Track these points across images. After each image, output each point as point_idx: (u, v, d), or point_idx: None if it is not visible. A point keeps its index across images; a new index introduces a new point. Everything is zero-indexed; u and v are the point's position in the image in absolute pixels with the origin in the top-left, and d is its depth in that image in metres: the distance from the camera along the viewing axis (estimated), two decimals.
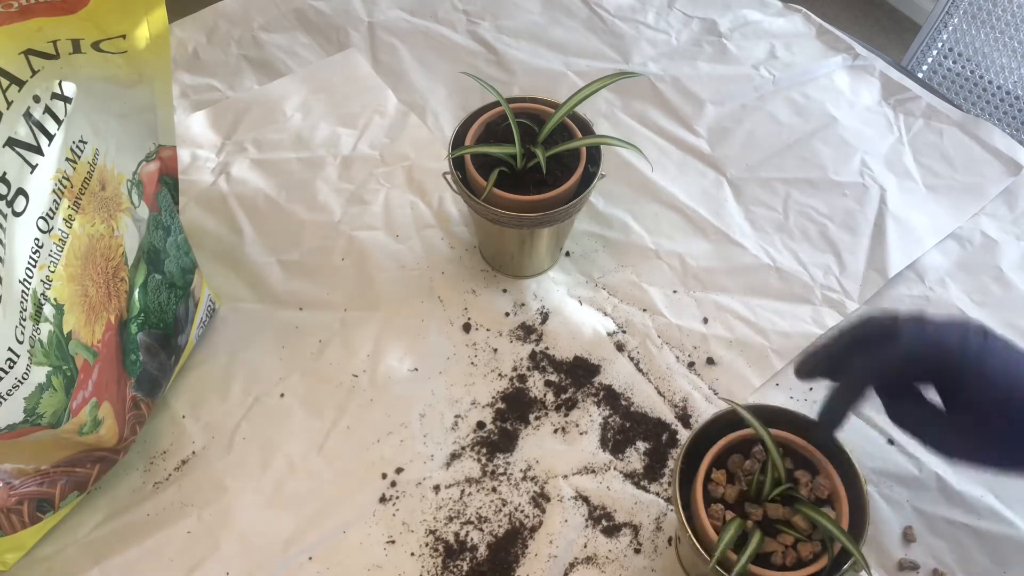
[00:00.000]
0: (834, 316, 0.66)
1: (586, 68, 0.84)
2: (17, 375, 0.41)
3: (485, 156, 0.61)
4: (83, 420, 0.48)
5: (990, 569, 0.54)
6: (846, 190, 0.74)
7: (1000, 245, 0.70)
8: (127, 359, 0.53)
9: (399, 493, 0.58)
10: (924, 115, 0.79)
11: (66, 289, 0.46)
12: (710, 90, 0.82)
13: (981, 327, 0.47)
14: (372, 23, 0.88)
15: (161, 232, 0.56)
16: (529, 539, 0.55)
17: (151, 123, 0.55)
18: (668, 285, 0.68)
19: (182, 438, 0.60)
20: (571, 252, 0.70)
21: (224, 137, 0.78)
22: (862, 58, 0.84)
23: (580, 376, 0.63)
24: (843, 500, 0.47)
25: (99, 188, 0.49)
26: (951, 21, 1.07)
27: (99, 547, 0.55)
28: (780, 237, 0.71)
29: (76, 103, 0.47)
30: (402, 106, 0.81)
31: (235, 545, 0.55)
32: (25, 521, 0.51)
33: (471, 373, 0.63)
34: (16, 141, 0.42)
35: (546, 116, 0.62)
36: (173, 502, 0.57)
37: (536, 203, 0.59)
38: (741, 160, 0.76)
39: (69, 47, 0.46)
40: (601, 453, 0.59)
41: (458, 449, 0.59)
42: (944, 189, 0.74)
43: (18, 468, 0.48)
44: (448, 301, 0.67)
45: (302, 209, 0.73)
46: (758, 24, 0.88)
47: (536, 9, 0.90)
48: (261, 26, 0.88)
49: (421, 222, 0.72)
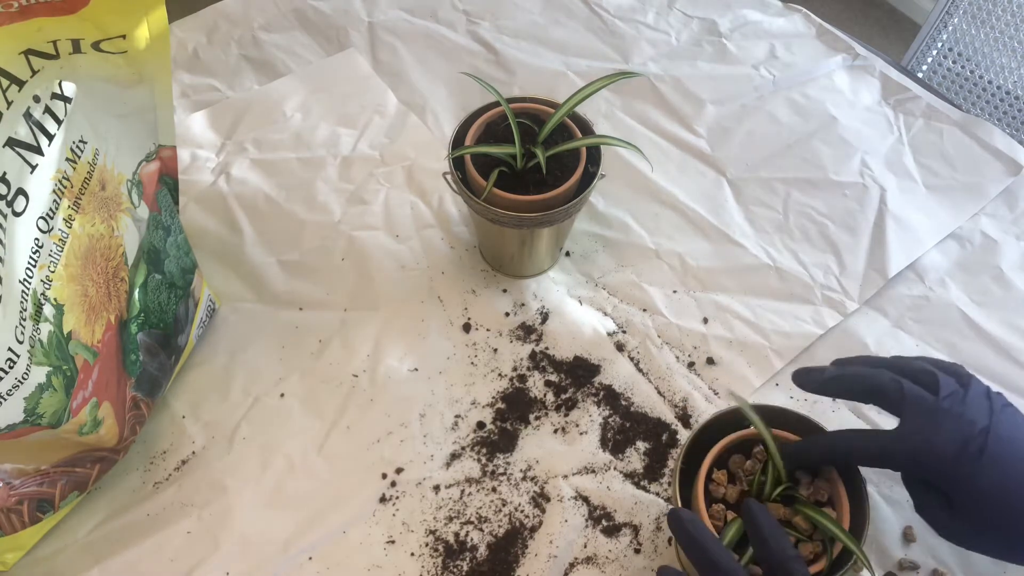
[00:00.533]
0: (834, 316, 0.66)
1: (586, 68, 0.84)
2: (17, 375, 0.41)
3: (485, 156, 0.61)
4: (83, 420, 0.48)
5: (990, 569, 0.54)
6: (846, 190, 0.74)
7: (1000, 245, 0.70)
8: (127, 359, 0.53)
9: (399, 493, 0.58)
10: (924, 115, 0.79)
11: (66, 289, 0.46)
12: (710, 90, 0.82)
13: (985, 427, 0.43)
14: (372, 23, 0.88)
15: (161, 232, 0.56)
16: (529, 539, 0.55)
17: (151, 123, 0.55)
18: (668, 285, 0.68)
19: (182, 438, 0.60)
20: (571, 252, 0.70)
21: (224, 137, 0.78)
22: (862, 58, 0.84)
23: (580, 376, 0.63)
24: (844, 501, 0.47)
25: (99, 188, 0.49)
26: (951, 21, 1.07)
27: (99, 547, 0.55)
28: (780, 237, 0.71)
29: (76, 103, 0.47)
30: (402, 106, 0.81)
31: (235, 545, 0.55)
32: (25, 521, 0.51)
33: (471, 373, 0.63)
34: (16, 141, 0.42)
35: (546, 116, 0.62)
36: (173, 502, 0.57)
37: (536, 203, 0.59)
38: (741, 160, 0.76)
39: (69, 47, 0.46)
40: (601, 453, 0.59)
41: (458, 449, 0.59)
42: (944, 189, 0.74)
43: (18, 468, 0.48)
44: (448, 301, 0.67)
45: (302, 209, 0.73)
46: (758, 24, 0.88)
47: (536, 9, 0.90)
48: (261, 26, 0.88)
49: (421, 222, 0.72)
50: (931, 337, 0.65)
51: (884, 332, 0.65)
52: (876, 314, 0.66)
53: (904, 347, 0.64)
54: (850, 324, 0.66)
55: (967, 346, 0.64)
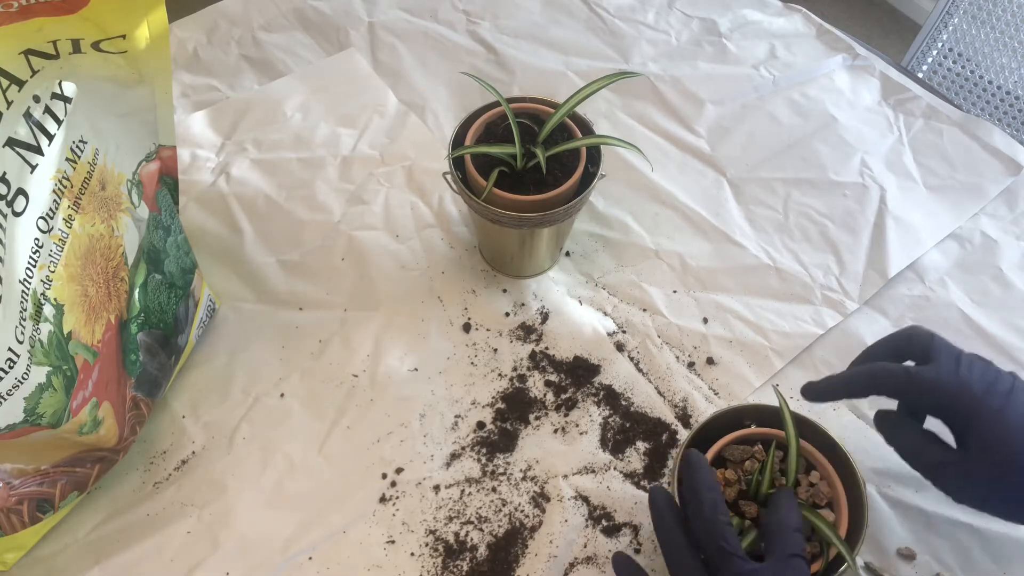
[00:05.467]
0: (834, 316, 0.66)
1: (586, 68, 0.84)
2: (17, 375, 0.41)
3: (485, 156, 0.61)
4: (83, 420, 0.48)
5: (991, 569, 0.54)
6: (846, 190, 0.74)
7: (1000, 245, 0.70)
8: (127, 359, 0.53)
9: (399, 493, 0.58)
10: (924, 115, 0.79)
11: (66, 289, 0.46)
12: (710, 90, 0.82)
13: (1012, 375, 0.46)
14: (372, 23, 0.88)
15: (161, 232, 0.56)
16: (529, 539, 0.55)
17: (151, 123, 0.55)
18: (668, 285, 0.68)
19: (182, 438, 0.60)
20: (571, 252, 0.70)
21: (224, 137, 0.78)
22: (862, 58, 0.84)
23: (580, 376, 0.63)
24: (843, 503, 0.47)
25: (99, 188, 0.49)
26: (951, 21, 1.07)
27: (99, 547, 0.55)
28: (780, 237, 0.71)
29: (76, 103, 0.47)
30: (402, 106, 0.81)
31: (235, 545, 0.55)
32: (25, 521, 0.51)
33: (471, 373, 0.63)
34: (16, 141, 0.42)
35: (546, 116, 0.62)
36: (173, 502, 0.57)
37: (536, 203, 0.59)
38: (741, 160, 0.76)
39: (69, 47, 0.46)
40: (601, 453, 0.59)
41: (458, 449, 0.59)
42: (944, 189, 0.74)
43: (18, 468, 0.48)
44: (448, 301, 0.67)
45: (302, 209, 0.73)
46: (758, 24, 0.88)
47: (536, 9, 0.90)
48: (261, 26, 0.88)
49: (421, 222, 0.72)
50: None
51: (884, 332, 0.65)
52: (876, 314, 0.66)
53: None
54: (850, 324, 0.66)
55: (967, 346, 0.63)
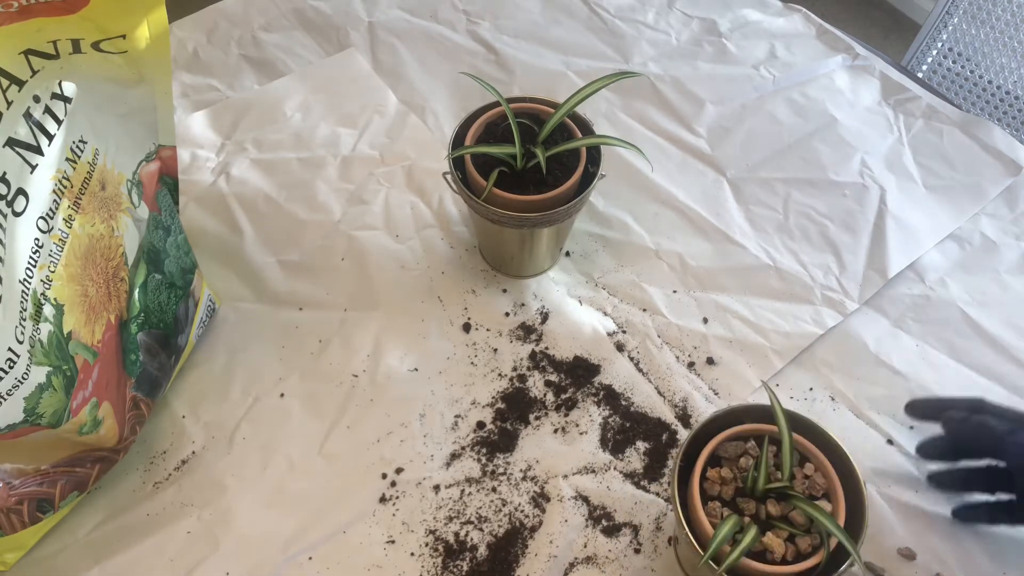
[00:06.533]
0: (834, 316, 0.66)
1: (586, 68, 0.84)
2: (17, 375, 0.41)
3: (485, 156, 0.61)
4: (83, 420, 0.48)
5: (990, 570, 0.54)
6: (846, 190, 0.74)
7: (1000, 245, 0.70)
8: (127, 359, 0.53)
9: (399, 493, 0.58)
10: (924, 115, 0.79)
11: (66, 289, 0.46)
12: (710, 90, 0.82)
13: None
14: (372, 23, 0.88)
15: (161, 232, 0.56)
16: (529, 539, 0.55)
17: (151, 123, 0.55)
18: (668, 285, 0.68)
19: (182, 438, 0.60)
20: (571, 252, 0.70)
21: (224, 137, 0.78)
22: (862, 58, 0.84)
23: (580, 376, 0.63)
24: (839, 496, 0.47)
25: (99, 188, 0.49)
26: (951, 21, 1.07)
27: (99, 547, 0.55)
28: (780, 237, 0.71)
29: (76, 103, 0.47)
30: (402, 106, 0.81)
31: (235, 545, 0.55)
32: (25, 521, 0.51)
33: (471, 373, 0.63)
34: (16, 141, 0.42)
35: (546, 116, 0.62)
36: (173, 502, 0.57)
37: (536, 203, 0.59)
38: (741, 160, 0.76)
39: (69, 47, 0.46)
40: (601, 453, 0.59)
41: (458, 449, 0.59)
42: (944, 189, 0.74)
43: (18, 468, 0.48)
44: (448, 301, 0.67)
45: (302, 209, 0.73)
46: (758, 24, 0.88)
47: (536, 9, 0.90)
48: (261, 26, 0.88)
49: (421, 222, 0.72)
50: (931, 337, 0.65)
51: (884, 332, 0.65)
52: (876, 314, 0.66)
53: (904, 347, 0.64)
54: (850, 324, 0.66)
55: (967, 346, 0.64)
